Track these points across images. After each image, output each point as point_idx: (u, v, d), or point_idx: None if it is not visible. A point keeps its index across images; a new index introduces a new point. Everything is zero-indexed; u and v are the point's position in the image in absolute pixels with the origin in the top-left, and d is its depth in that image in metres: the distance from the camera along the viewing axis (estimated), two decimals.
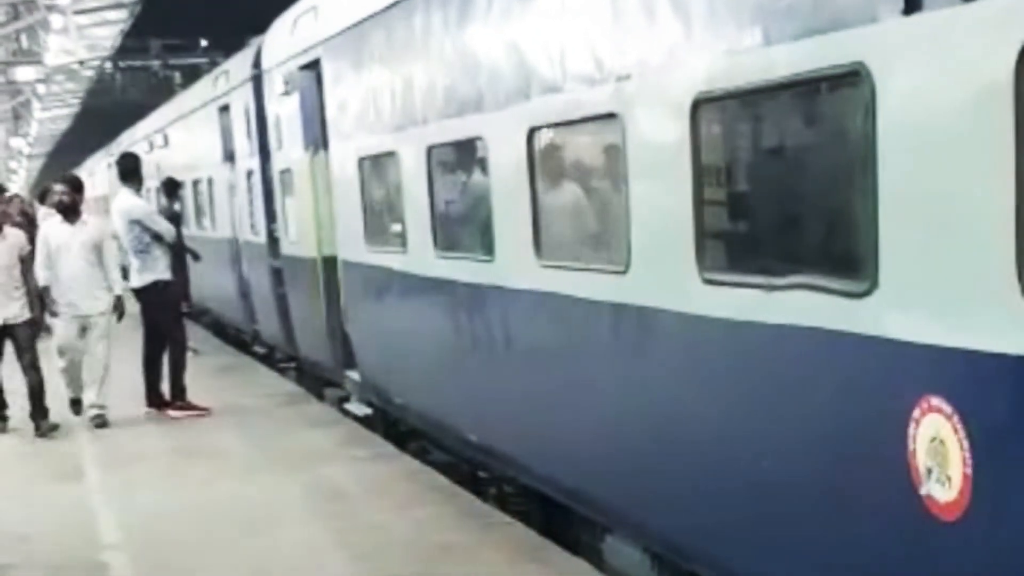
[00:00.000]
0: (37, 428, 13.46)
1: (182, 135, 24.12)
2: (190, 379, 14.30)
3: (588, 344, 7.50)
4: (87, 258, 13.40)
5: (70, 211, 13.61)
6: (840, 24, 4.99)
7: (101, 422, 13.67)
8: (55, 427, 13.50)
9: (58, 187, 14.63)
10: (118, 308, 13.67)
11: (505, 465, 9.41)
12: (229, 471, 11.07)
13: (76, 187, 14.08)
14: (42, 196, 21.78)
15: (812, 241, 5.60)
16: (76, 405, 14.09)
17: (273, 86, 14.98)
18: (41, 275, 13.41)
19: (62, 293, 13.37)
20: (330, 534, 8.89)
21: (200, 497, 10.30)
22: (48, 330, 15.47)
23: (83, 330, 13.60)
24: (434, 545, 8.43)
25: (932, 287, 4.63)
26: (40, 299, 13.68)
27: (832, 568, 5.41)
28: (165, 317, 14.27)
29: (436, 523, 8.95)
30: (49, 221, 14.43)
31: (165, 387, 14.17)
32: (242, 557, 8.56)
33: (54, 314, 13.73)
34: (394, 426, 12.68)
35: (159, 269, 13.95)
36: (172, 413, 13.98)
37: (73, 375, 13.96)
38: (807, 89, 5.41)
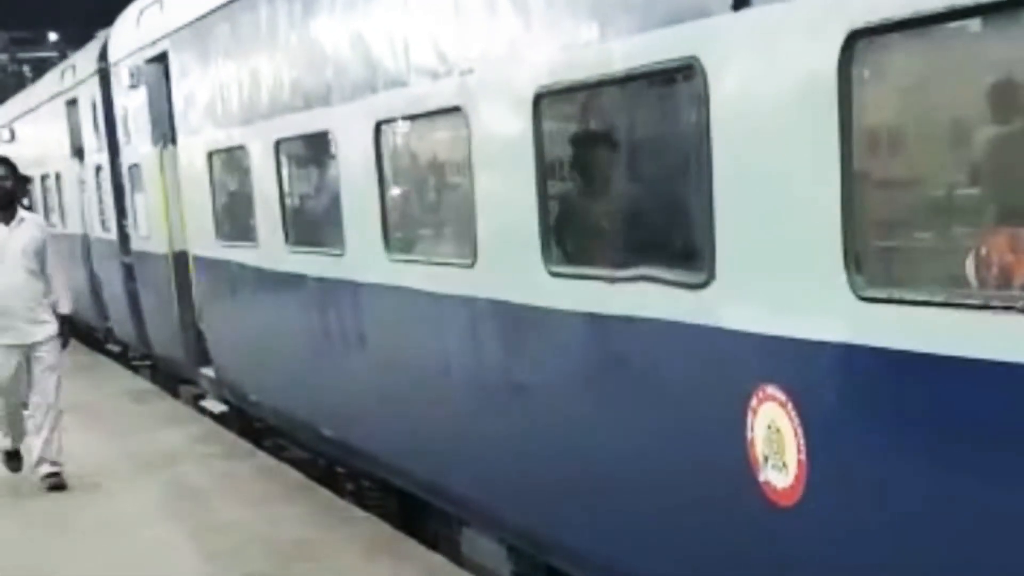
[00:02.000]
0: None
1: (30, 129, 23.56)
2: None
3: (438, 338, 7.50)
4: (27, 267, 10.17)
5: (5, 204, 10.26)
6: (674, 19, 5.06)
7: (56, 482, 10.42)
8: None
9: None
10: (63, 334, 10.52)
11: (360, 460, 9.38)
12: (83, 470, 10.83)
13: (12, 170, 10.54)
14: None
15: (652, 234, 5.66)
16: (13, 460, 10.92)
17: (120, 80, 14.69)
18: None
19: (2, 315, 10.13)
20: (185, 533, 8.78)
21: (51, 497, 10.17)
22: None
23: (23, 363, 10.37)
24: (290, 541, 8.38)
25: (765, 278, 4.72)
26: None
27: (678, 555, 5.49)
28: None
29: (292, 520, 8.89)
30: None
31: None
32: (96, 558, 8.43)
33: None
34: (250, 423, 12.56)
35: None
36: None
37: (11, 421, 10.73)
38: (644, 83, 5.48)
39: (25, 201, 18.77)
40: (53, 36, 54.56)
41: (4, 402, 10.57)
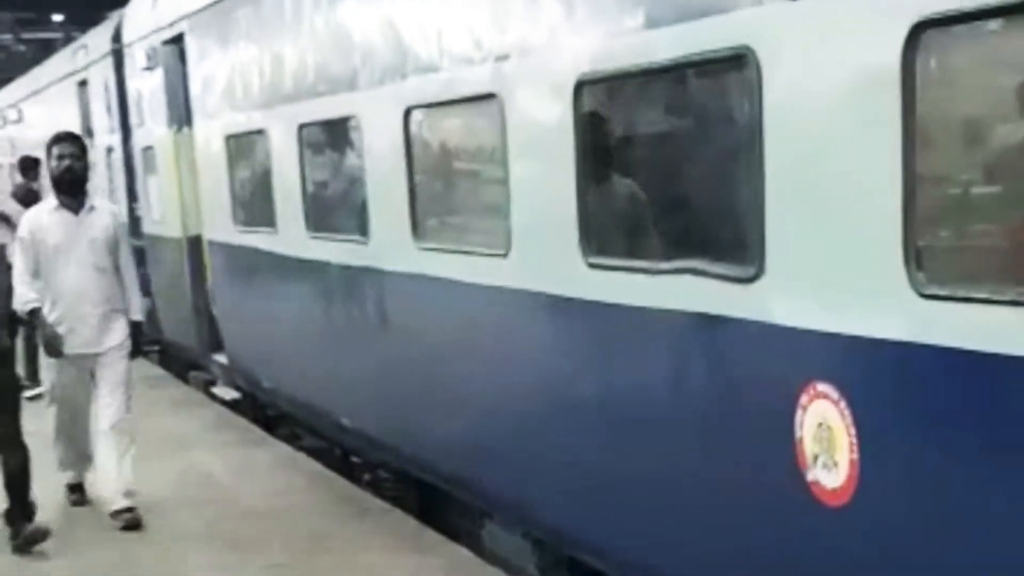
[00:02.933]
0: (14, 536, 8.30)
1: (38, 110, 23.45)
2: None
3: (468, 328, 7.41)
4: (98, 264, 8.79)
5: (74, 188, 8.85)
6: (725, 7, 4.96)
7: (132, 520, 8.72)
8: (45, 533, 8.31)
9: (56, 148, 8.92)
10: (134, 343, 9.09)
11: (381, 451, 9.30)
12: None
13: (82, 149, 9.12)
14: (24, 168, 16.50)
15: (698, 226, 5.57)
16: (77, 492, 9.43)
17: (134, 61, 14.60)
18: (23, 292, 8.57)
19: (60, 319, 8.70)
20: (202, 523, 8.68)
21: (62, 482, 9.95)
22: (34, 377, 11.64)
23: (89, 376, 8.95)
24: (311, 533, 8.28)
25: (819, 273, 4.63)
26: (18, 328, 9.13)
27: (721, 555, 5.40)
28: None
29: (312, 511, 8.80)
30: (37, 209, 9.13)
31: None
32: (109, 547, 8.33)
33: (50, 352, 8.79)
34: (262, 410, 12.48)
35: None
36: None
37: (77, 445, 9.30)
38: (693, 72, 5.37)
39: (35, 185, 18.65)
40: (58, 17, 54.36)
41: (69, 421, 9.15)
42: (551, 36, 6.21)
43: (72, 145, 8.97)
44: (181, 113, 13.29)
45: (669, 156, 5.74)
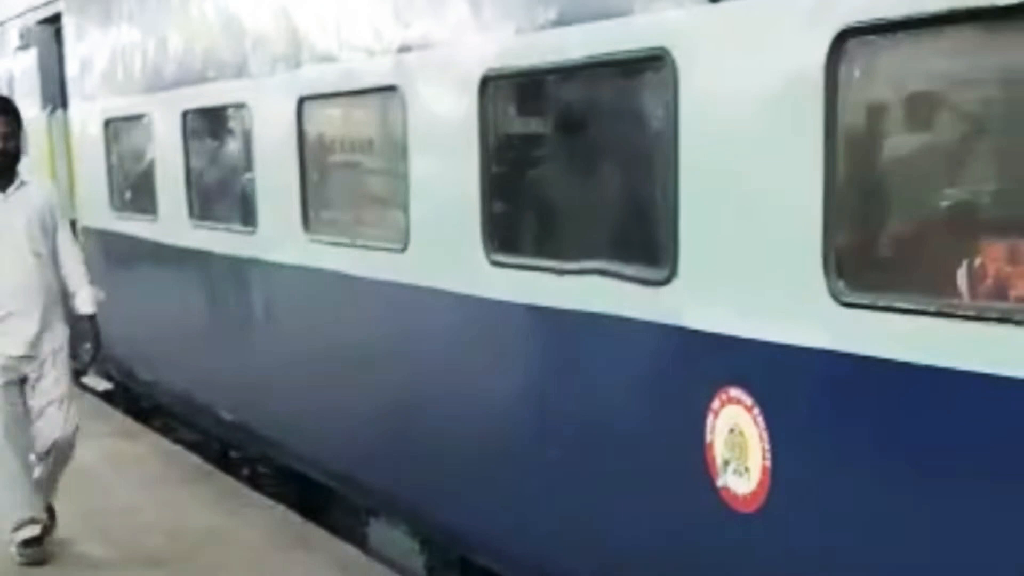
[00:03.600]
0: None
1: None
2: None
3: (361, 323, 7.29)
4: (34, 248, 7.35)
5: (4, 170, 7.37)
6: (642, 7, 4.92)
7: (36, 556, 7.45)
8: None
9: None
10: (81, 341, 7.92)
11: (265, 446, 9.12)
12: None
13: (17, 122, 7.60)
14: None
15: (609, 227, 5.52)
16: (35, 545, 7.50)
17: (7, 40, 14.17)
18: None
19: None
20: (80, 517, 8.39)
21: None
22: None
23: (20, 384, 7.38)
24: (193, 529, 8.06)
25: (735, 278, 4.60)
26: None
27: (630, 558, 5.36)
28: None
29: (193, 505, 8.58)
30: None
31: None
32: None
33: None
34: (136, 403, 12.18)
35: None
36: None
37: (23, 481, 7.49)
38: (607, 71, 5.31)
39: None
40: None
41: (8, 447, 7.32)
42: (457, 29, 6.12)
43: (5, 120, 7.39)
44: (56, 95, 12.92)
45: (581, 155, 5.68)
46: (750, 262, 4.52)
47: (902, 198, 4.16)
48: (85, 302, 7.67)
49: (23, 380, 7.36)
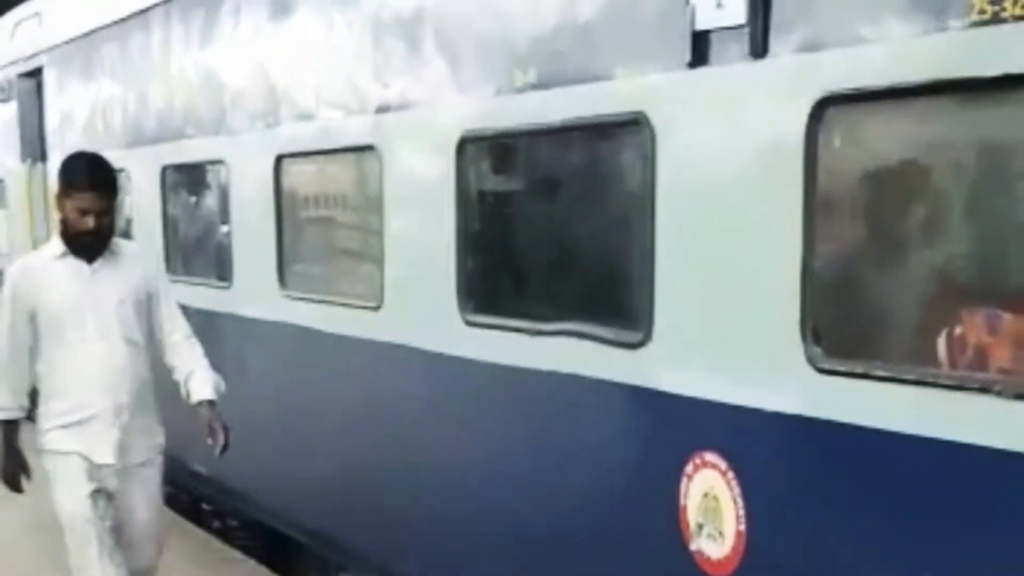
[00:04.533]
0: None
1: None
2: None
3: (335, 380, 7.26)
4: (127, 336, 6.01)
5: (91, 236, 5.87)
6: (620, 72, 4.94)
7: None
8: None
9: (76, 197, 5.84)
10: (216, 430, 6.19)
11: (237, 500, 9.05)
12: None
13: (106, 180, 5.92)
14: None
15: (584, 289, 5.51)
16: None
17: None
18: (12, 375, 6.04)
19: (68, 412, 5.95)
20: (51, 572, 8.28)
21: None
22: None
23: (107, 497, 6.00)
24: None
25: (710, 342, 4.60)
26: None
27: None
28: None
29: (169, 558, 8.44)
30: (31, 256, 6.35)
31: None
32: None
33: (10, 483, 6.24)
34: None
35: None
36: None
37: None
38: (586, 135, 5.33)
39: None
40: None
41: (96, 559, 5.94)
42: (435, 90, 6.14)
43: (101, 196, 5.85)
44: (36, 147, 12.91)
45: (557, 217, 5.68)
46: (726, 326, 4.52)
47: (881, 265, 4.17)
48: (203, 385, 6.21)
49: (108, 494, 6.00)
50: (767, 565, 4.41)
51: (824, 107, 4.04)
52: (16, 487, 6.25)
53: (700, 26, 4.52)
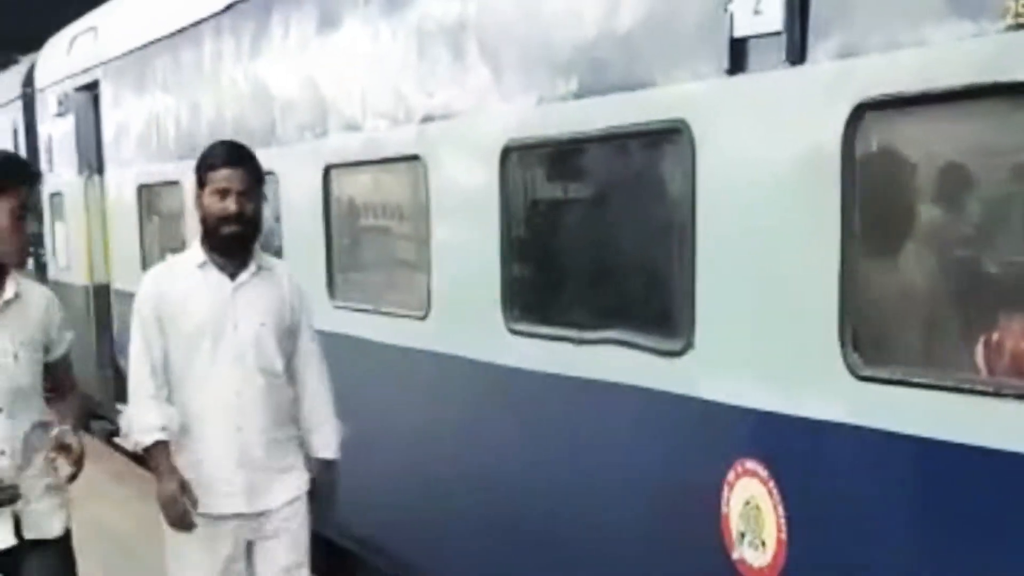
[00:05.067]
0: None
1: None
2: None
3: (383, 389, 7.29)
4: (267, 366, 5.23)
5: (235, 223, 5.12)
6: (661, 80, 4.94)
7: None
8: None
9: (214, 175, 5.10)
10: (320, 493, 5.47)
11: None
12: None
13: (246, 157, 5.23)
14: None
15: (627, 297, 5.50)
16: None
17: (46, 106, 14.37)
18: (142, 412, 5.17)
19: (197, 457, 5.15)
20: None
21: None
22: None
23: (243, 554, 5.25)
24: None
25: (751, 350, 4.58)
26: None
27: None
28: None
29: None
30: (169, 264, 5.52)
31: None
32: None
33: (175, 521, 5.05)
34: None
35: None
36: None
37: None
38: (626, 143, 5.34)
39: None
40: None
41: None
42: (479, 100, 6.16)
43: (242, 174, 5.12)
44: (92, 160, 13.08)
45: (599, 226, 5.69)
46: (766, 334, 4.50)
47: (920, 271, 4.13)
48: (326, 443, 5.46)
49: (247, 544, 5.25)
50: (809, 574, 4.39)
51: (861, 113, 4.02)
52: (187, 524, 5.01)
53: (738, 33, 4.51)
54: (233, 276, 5.16)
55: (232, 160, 5.15)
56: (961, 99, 3.75)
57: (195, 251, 5.22)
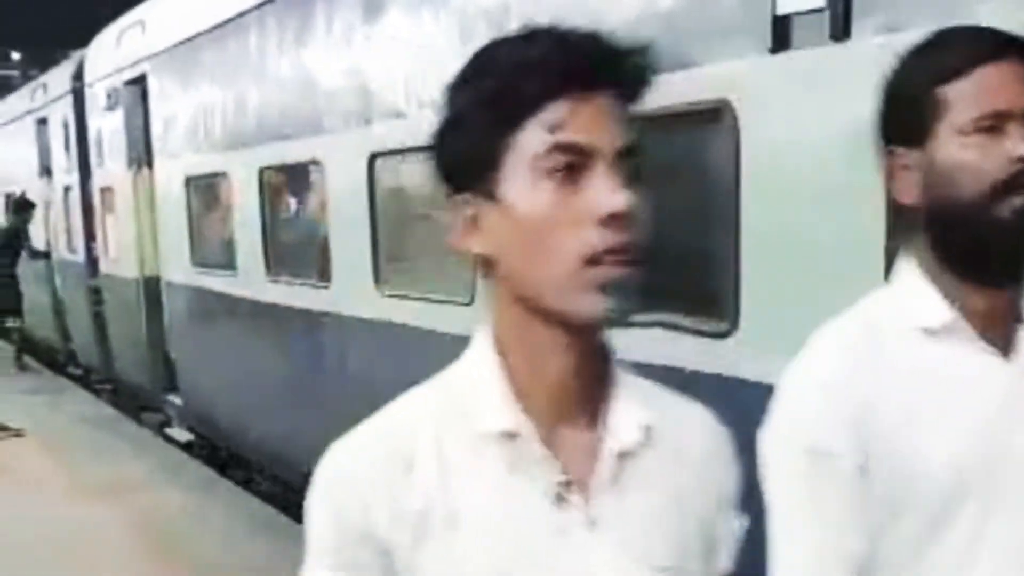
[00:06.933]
0: None
1: None
2: None
3: (429, 374, 7.28)
4: None
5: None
6: (704, 59, 4.91)
7: None
8: None
9: None
10: None
11: None
12: (41, 498, 10.50)
13: None
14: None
15: (670, 278, 5.47)
16: None
17: (96, 100, 14.48)
18: None
19: None
20: (158, 573, 8.45)
21: (7, 526, 9.67)
22: None
23: None
24: None
25: (796, 331, 4.51)
26: None
27: None
28: None
29: (273, 561, 8.56)
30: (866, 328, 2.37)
31: None
32: None
33: None
34: (216, 452, 12.29)
35: None
36: None
37: None
38: (671, 123, 5.29)
39: (28, 225, 18.62)
40: (16, 55, 54.17)
41: None
42: None
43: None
44: (141, 154, 13.18)
45: (644, 207, 5.65)
46: (811, 313, 4.44)
47: None
48: None
49: None
50: None
51: None
52: None
53: (781, 10, 4.47)
54: (1006, 352, 2.20)
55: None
56: None
57: (915, 294, 2.34)
